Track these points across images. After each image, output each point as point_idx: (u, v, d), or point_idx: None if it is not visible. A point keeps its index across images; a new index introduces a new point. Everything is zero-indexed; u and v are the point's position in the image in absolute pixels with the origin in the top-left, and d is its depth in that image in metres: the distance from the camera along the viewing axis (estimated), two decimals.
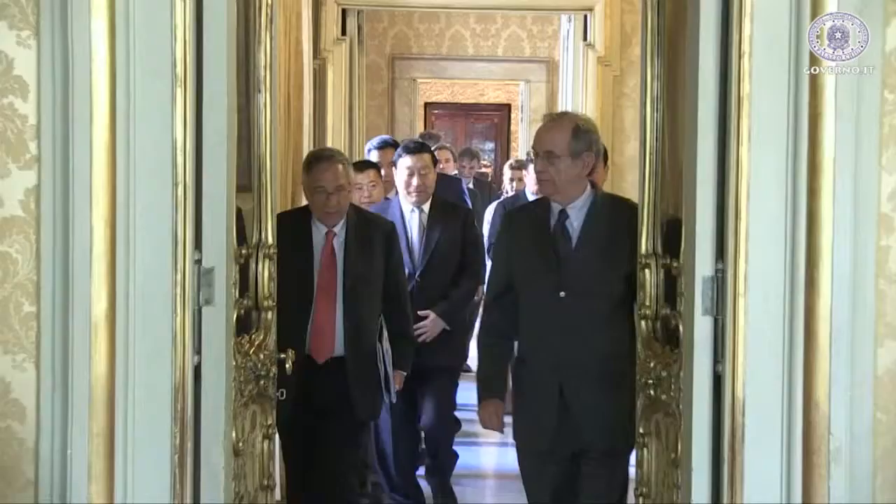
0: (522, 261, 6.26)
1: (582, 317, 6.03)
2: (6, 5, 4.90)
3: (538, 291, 6.15)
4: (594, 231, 6.09)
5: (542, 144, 6.04)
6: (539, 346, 6.21)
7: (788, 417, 5.08)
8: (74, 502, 4.96)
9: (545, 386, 6.14)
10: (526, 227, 6.40)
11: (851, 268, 5.05)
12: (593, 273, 6.06)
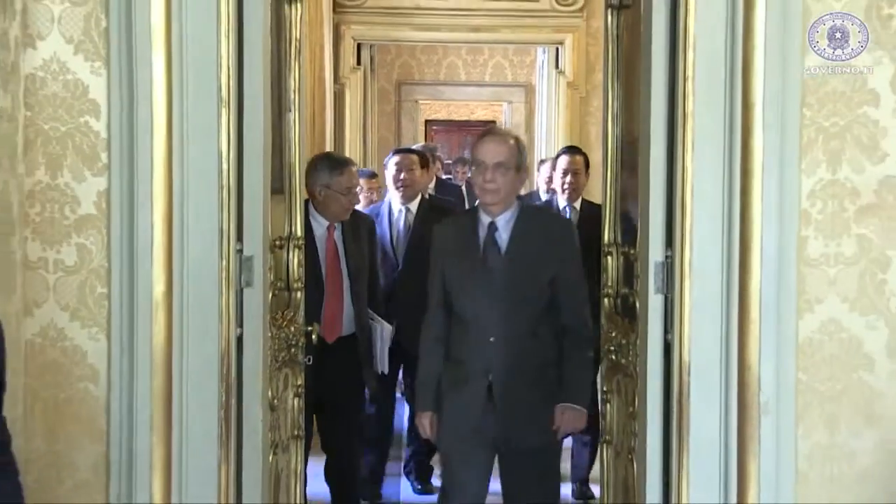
0: (455, 270, 5.77)
1: (513, 322, 5.63)
2: (82, 41, 4.93)
3: (471, 300, 5.68)
4: (520, 241, 5.67)
5: (492, 156, 5.59)
6: (470, 349, 5.70)
7: (726, 377, 5.12)
8: (138, 449, 4.95)
9: (475, 388, 5.69)
10: (456, 238, 5.86)
11: (777, 254, 5.07)
12: (520, 282, 5.67)
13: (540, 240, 5.72)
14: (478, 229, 5.69)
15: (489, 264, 5.64)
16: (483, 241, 5.65)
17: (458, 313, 5.75)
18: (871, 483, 5.23)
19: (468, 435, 5.70)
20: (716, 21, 5.08)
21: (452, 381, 5.76)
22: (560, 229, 5.97)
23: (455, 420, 5.74)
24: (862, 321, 5.19)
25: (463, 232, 5.78)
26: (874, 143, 5.13)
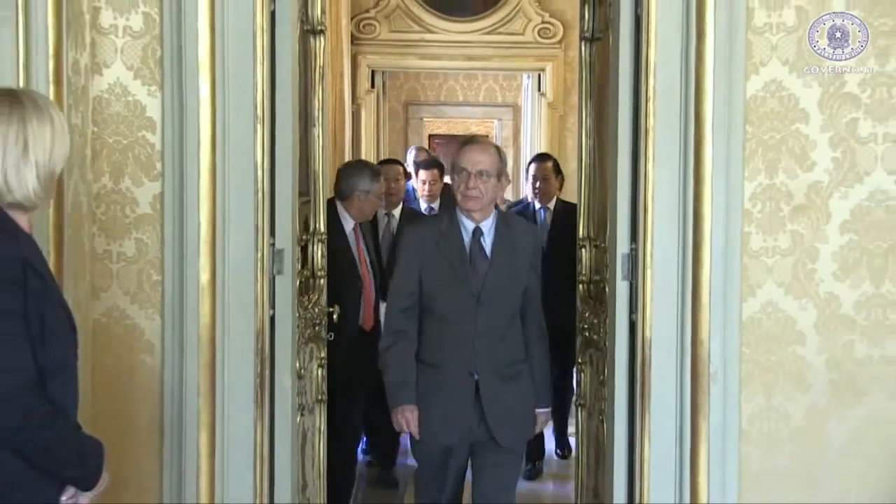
0: (438, 275, 5.20)
1: (493, 324, 5.20)
2: (140, 69, 4.98)
3: (455, 303, 5.17)
4: (501, 247, 5.25)
5: (475, 164, 5.15)
6: (455, 351, 5.19)
7: (681, 351, 5.15)
8: (187, 411, 5.01)
9: (461, 387, 5.19)
10: (437, 241, 5.25)
11: (724, 247, 5.11)
12: (502, 285, 5.22)
13: (516, 246, 5.34)
14: (461, 234, 5.24)
15: (476, 268, 5.20)
16: (469, 246, 5.21)
17: (438, 315, 5.24)
18: (801, 439, 5.27)
19: (452, 436, 5.24)
20: (672, 52, 5.10)
21: (433, 383, 5.22)
22: (532, 238, 5.55)
23: (438, 422, 5.20)
24: (795, 303, 5.23)
25: (444, 235, 5.25)
26: (805, 154, 5.18)
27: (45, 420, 3.23)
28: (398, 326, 5.26)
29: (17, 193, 3.28)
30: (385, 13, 12.30)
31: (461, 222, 5.23)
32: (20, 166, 3.28)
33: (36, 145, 3.30)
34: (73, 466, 3.40)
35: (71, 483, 3.40)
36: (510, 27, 12.30)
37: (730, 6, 5.06)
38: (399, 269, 5.35)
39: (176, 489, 5.06)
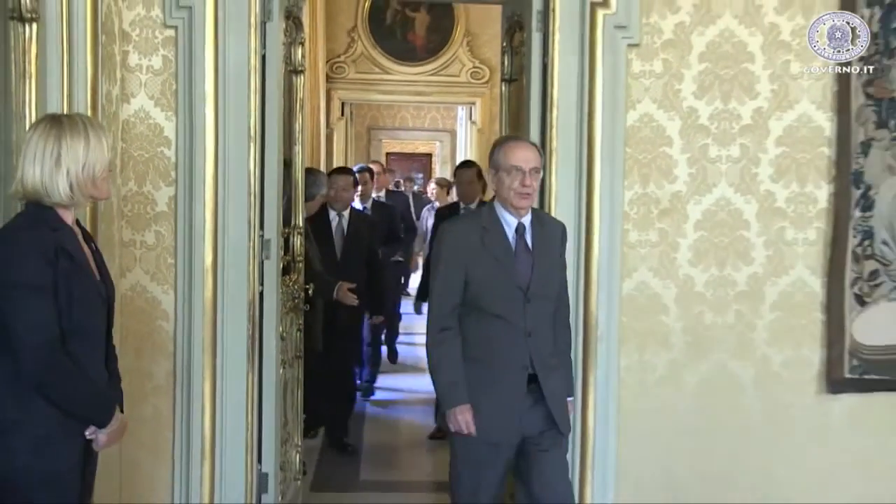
0: (486, 271, 4.21)
1: (541, 317, 4.24)
2: (160, 98, 4.95)
3: (504, 299, 4.18)
4: (540, 242, 4.30)
5: (527, 161, 4.21)
6: (508, 346, 4.20)
7: (576, 319, 5.05)
8: (194, 364, 5.00)
9: (515, 382, 4.21)
10: (481, 238, 4.26)
11: (608, 240, 5.16)
12: (546, 280, 4.28)
13: (550, 241, 4.39)
14: (504, 230, 4.27)
15: (522, 264, 4.23)
16: (514, 242, 4.25)
17: (487, 311, 4.21)
18: (664, 386, 5.34)
19: (506, 432, 4.22)
20: (570, 91, 5.13)
21: (485, 380, 4.21)
22: (560, 233, 4.51)
23: (491, 418, 4.18)
24: (661, 283, 5.30)
25: (487, 231, 4.26)
26: (669, 170, 5.24)
27: (64, 371, 3.26)
28: (446, 324, 4.25)
29: (53, 196, 3.27)
30: (353, 58, 12.38)
31: (503, 218, 4.28)
32: (53, 174, 3.25)
33: (68, 157, 3.28)
34: (87, 408, 3.40)
35: (88, 422, 3.39)
36: (449, 70, 12.40)
37: (613, 57, 5.11)
38: (443, 266, 4.30)
39: (185, 424, 5.05)
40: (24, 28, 3.92)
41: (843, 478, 5.37)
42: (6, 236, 3.29)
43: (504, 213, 4.25)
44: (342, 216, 7.37)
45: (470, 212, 4.56)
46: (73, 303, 3.25)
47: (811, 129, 5.27)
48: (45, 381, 3.21)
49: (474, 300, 4.20)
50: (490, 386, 4.16)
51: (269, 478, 5.30)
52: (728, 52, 5.21)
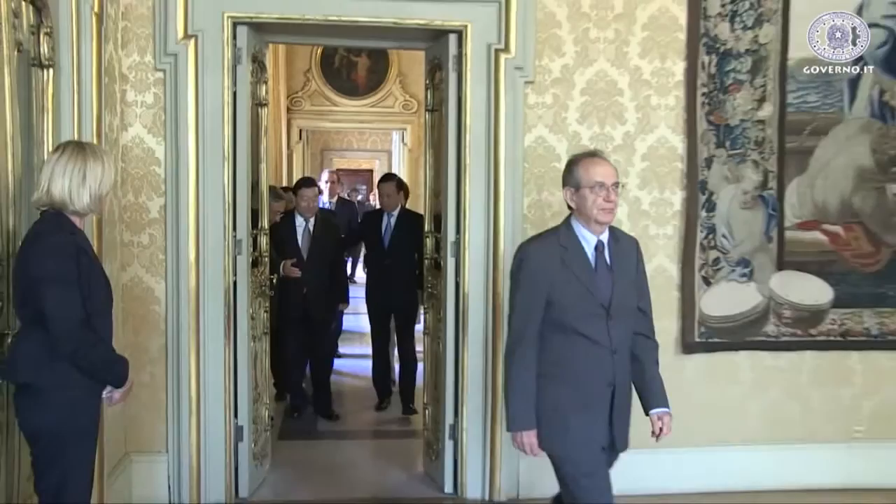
0: (569, 290, 3.52)
1: (623, 335, 3.57)
2: (152, 127, 4.95)
3: (588, 317, 3.51)
4: (618, 258, 3.62)
5: (609, 176, 3.56)
6: (594, 364, 3.53)
7: (486, 300, 5.20)
8: (181, 341, 5.01)
9: (601, 399, 3.57)
10: (562, 258, 3.55)
11: (512, 236, 5.14)
12: (626, 297, 3.61)
13: (628, 256, 3.70)
14: (583, 248, 3.58)
15: (603, 281, 3.55)
16: (594, 260, 3.57)
17: (571, 330, 3.53)
18: None
19: (598, 448, 3.59)
20: (480, 120, 5.16)
21: (571, 398, 3.54)
22: (635, 249, 3.81)
23: (587, 436, 3.55)
24: None
25: (567, 250, 3.56)
26: (558, 181, 4.56)
27: (91, 344, 3.28)
28: (525, 345, 3.57)
29: (76, 206, 3.31)
30: (308, 94, 12.31)
31: (582, 237, 3.59)
32: (79, 189, 3.30)
33: (91, 177, 3.32)
34: (109, 373, 3.42)
35: (108, 383, 3.43)
36: (385, 103, 12.37)
37: (513, 92, 5.15)
38: (524, 287, 3.59)
39: (176, 388, 5.08)
40: (42, 73, 3.93)
41: (697, 419, 5.38)
42: (37, 240, 3.29)
43: (583, 231, 3.58)
44: (308, 221, 7.05)
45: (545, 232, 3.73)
46: (92, 291, 3.29)
47: (667, 149, 5.35)
48: (76, 353, 3.23)
49: (558, 320, 3.52)
50: (578, 403, 3.52)
51: (243, 429, 5.31)
52: (603, 88, 5.26)
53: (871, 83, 5.40)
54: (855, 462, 5.56)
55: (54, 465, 3.28)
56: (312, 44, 10.69)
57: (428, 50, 5.72)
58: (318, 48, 11.90)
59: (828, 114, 5.41)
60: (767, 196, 5.41)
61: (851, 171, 5.47)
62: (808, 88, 5.34)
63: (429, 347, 5.92)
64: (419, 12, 5.12)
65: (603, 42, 5.26)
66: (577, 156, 3.74)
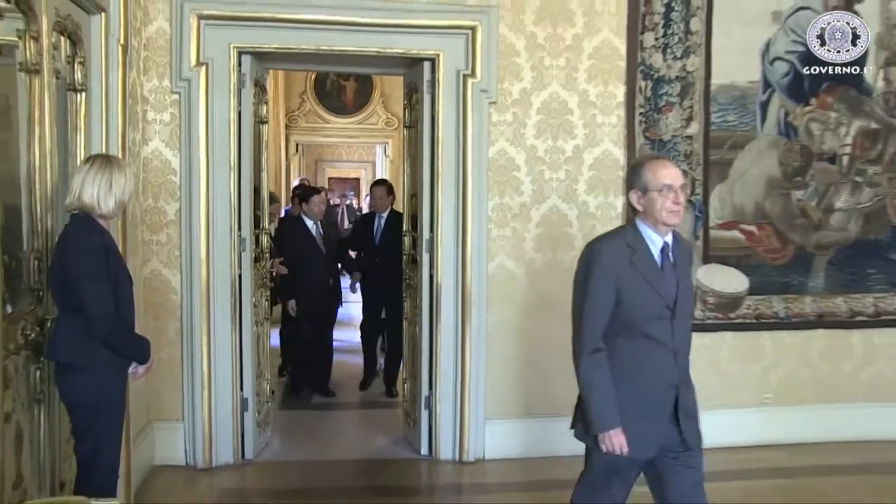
0: (637, 291, 3.12)
1: (684, 335, 3.20)
2: (169, 141, 4.98)
3: (655, 318, 3.12)
4: (678, 260, 3.22)
5: (677, 178, 3.16)
6: (658, 365, 3.15)
7: (455, 290, 5.24)
8: (195, 325, 5.03)
9: (664, 399, 3.17)
10: (630, 259, 3.13)
11: (478, 235, 5.21)
12: (687, 298, 3.25)
13: (686, 259, 3.33)
14: (650, 249, 3.17)
15: (669, 282, 3.17)
16: (661, 261, 3.17)
17: (638, 330, 3.12)
18: (517, 335, 5.35)
19: (653, 450, 3.18)
20: (450, 135, 5.19)
21: (634, 398, 3.13)
22: (688, 251, 3.44)
23: (639, 436, 3.13)
24: (514, 264, 5.33)
25: (634, 251, 3.15)
26: (518, 188, 5.30)
27: (120, 327, 3.33)
28: (597, 345, 3.14)
29: (103, 210, 3.32)
30: (303, 112, 12.23)
31: (648, 238, 3.18)
32: (106, 196, 3.31)
33: (116, 185, 3.33)
34: (134, 352, 3.45)
35: (134, 360, 3.47)
36: (370, 120, 12.32)
37: (479, 111, 5.19)
38: (594, 287, 3.13)
39: (190, 365, 5.11)
40: (76, 96, 3.94)
41: None
42: (73, 241, 3.30)
43: (649, 233, 3.17)
44: (317, 224, 6.90)
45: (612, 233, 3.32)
46: (119, 283, 3.33)
47: (611, 160, 5.38)
48: (109, 335, 3.27)
49: (625, 321, 3.12)
50: (639, 403, 3.13)
51: (248, 401, 5.33)
52: (555, 107, 5.30)
53: (777, 106, 5.50)
54: (764, 423, 5.64)
55: (90, 432, 3.31)
56: (307, 70, 10.64)
57: (406, 75, 5.72)
58: (312, 74, 11.83)
59: (744, 131, 5.50)
60: (695, 200, 5.47)
61: (763, 180, 5.55)
62: (727, 110, 5.43)
63: (407, 331, 5.90)
64: (399, 43, 5.17)
65: (555, 69, 5.30)
66: (642, 159, 3.34)
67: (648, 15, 5.30)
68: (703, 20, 5.35)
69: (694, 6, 5.34)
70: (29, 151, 3.40)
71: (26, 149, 3.38)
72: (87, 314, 3.22)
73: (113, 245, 3.43)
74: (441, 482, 5.21)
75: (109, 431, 3.38)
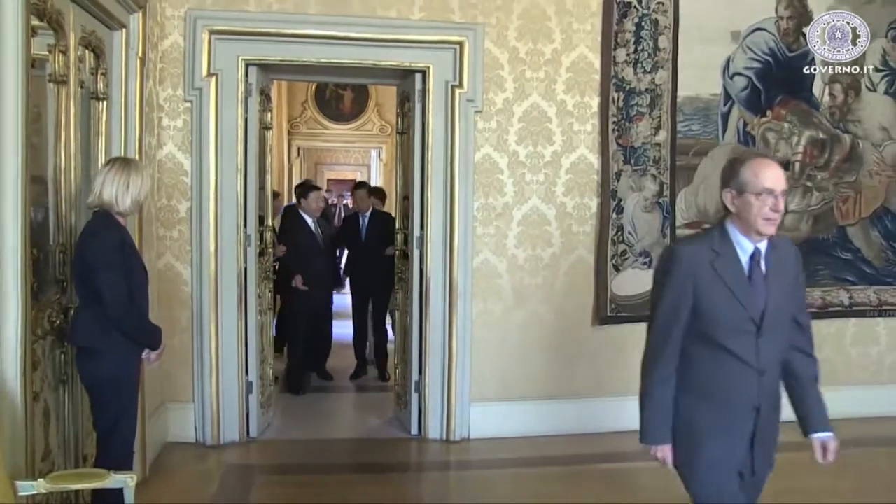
0: (717, 299, 2.62)
1: (773, 353, 2.66)
2: (182, 145, 5.01)
3: (736, 330, 2.62)
4: (773, 268, 2.67)
5: (780, 182, 2.59)
6: (739, 383, 2.64)
7: (443, 283, 5.25)
8: (204, 314, 5.04)
9: (743, 422, 2.66)
10: (713, 263, 2.63)
11: (464, 232, 5.21)
12: (780, 312, 2.67)
13: (785, 268, 2.70)
14: (738, 254, 2.63)
15: (757, 293, 2.62)
16: (749, 269, 2.63)
17: (717, 343, 2.63)
18: (499, 324, 5.37)
19: (732, 475, 2.68)
20: (440, 141, 5.20)
21: (711, 418, 2.65)
22: (794, 255, 2.79)
23: (721, 460, 2.66)
24: (497, 259, 5.36)
25: (719, 255, 2.63)
26: (501, 189, 5.33)
27: (134, 315, 3.35)
28: (666, 353, 2.67)
29: (120, 207, 3.34)
30: (304, 120, 12.14)
31: (738, 242, 2.64)
32: (124, 195, 3.33)
33: (133, 186, 3.35)
34: (146, 338, 3.45)
35: (147, 346, 3.47)
36: (365, 127, 12.25)
37: (466, 119, 5.20)
38: (670, 290, 2.65)
39: (200, 351, 5.13)
40: (99, 104, 3.97)
41: (606, 375, 5.44)
42: (92, 236, 3.32)
43: (739, 237, 2.64)
44: (316, 220, 6.77)
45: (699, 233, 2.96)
46: (133, 274, 3.36)
47: (586, 164, 5.41)
48: (122, 322, 3.29)
49: (703, 331, 2.65)
50: (717, 425, 2.66)
51: (253, 384, 5.34)
52: (536, 116, 5.33)
53: (737, 117, 5.58)
54: None
55: (107, 410, 3.35)
56: (308, 80, 10.56)
57: (399, 85, 5.73)
58: (313, 84, 11.75)
59: (707, 139, 5.56)
60: (663, 202, 5.52)
61: None
62: (692, 120, 5.49)
63: (399, 320, 5.92)
64: (392, 56, 5.21)
65: (536, 81, 5.33)
66: (745, 155, 2.77)
67: (621, 33, 5.37)
68: (670, 38, 5.42)
69: (662, 25, 5.41)
70: (55, 154, 3.45)
71: (53, 152, 3.43)
72: (103, 302, 3.24)
73: (129, 240, 3.47)
74: (429, 459, 5.24)
75: (125, 410, 3.40)
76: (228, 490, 4.52)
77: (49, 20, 3.22)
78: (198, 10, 4.99)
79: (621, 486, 4.61)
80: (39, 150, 3.30)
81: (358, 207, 7.25)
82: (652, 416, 2.72)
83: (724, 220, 2.68)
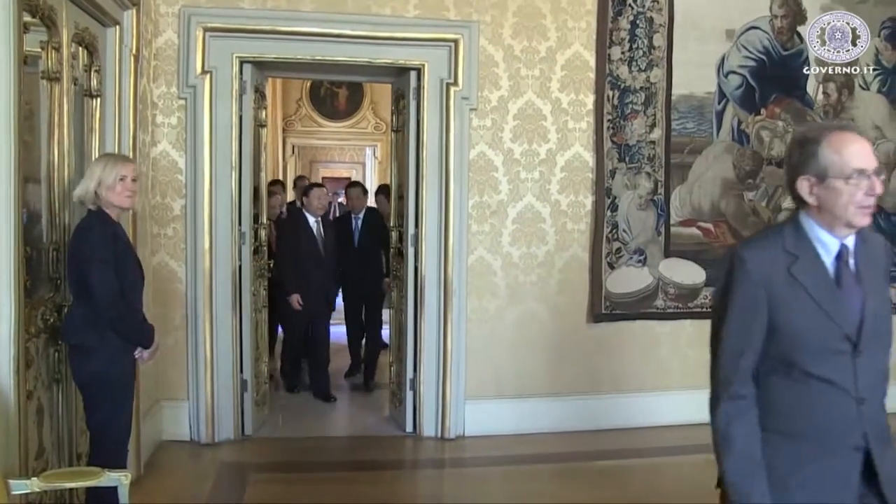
0: (798, 313, 2.00)
1: (875, 376, 2.05)
2: (176, 142, 5.00)
3: (825, 351, 2.00)
4: (865, 268, 2.08)
5: (871, 159, 1.99)
6: (833, 419, 2.00)
7: (439, 280, 5.23)
8: (198, 313, 5.03)
9: (842, 466, 2.01)
10: (789, 268, 2.01)
11: (458, 230, 5.21)
12: (881, 323, 2.06)
13: (877, 262, 2.15)
14: (820, 255, 2.07)
15: (850, 301, 2.05)
16: (835, 272, 2.06)
17: (801, 368, 2.04)
18: (493, 321, 5.37)
19: None
20: (434, 138, 5.20)
21: (798, 461, 2.05)
22: (885, 246, 2.21)
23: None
24: (492, 257, 5.36)
25: (799, 261, 2.05)
26: (496, 187, 5.32)
27: (125, 312, 3.32)
28: (739, 387, 2.11)
29: (86, 200, 3.30)
30: (299, 117, 12.19)
31: (818, 240, 2.08)
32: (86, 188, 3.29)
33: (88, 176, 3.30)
34: (138, 336, 3.43)
35: (138, 345, 3.44)
36: (360, 125, 12.30)
37: (461, 117, 5.21)
38: (737, 308, 2.10)
39: (194, 349, 5.12)
40: (92, 101, 3.96)
41: (601, 373, 5.49)
42: (86, 230, 3.30)
43: (820, 233, 2.09)
44: (318, 218, 6.46)
45: (766, 232, 2.27)
46: (126, 270, 3.33)
47: (581, 162, 5.42)
48: (114, 319, 3.28)
49: (784, 354, 2.08)
50: (808, 470, 2.06)
51: (247, 382, 5.35)
52: (531, 114, 5.34)
53: (731, 115, 5.59)
54: None
55: (99, 408, 3.34)
56: (303, 78, 10.57)
57: (394, 83, 5.74)
58: (308, 81, 11.75)
59: (701, 137, 5.58)
60: (657, 200, 5.53)
61: (719, 182, 5.62)
62: (686, 118, 5.50)
63: (394, 318, 5.90)
64: (387, 54, 5.21)
65: (530, 79, 5.34)
66: (818, 130, 2.10)
67: (616, 31, 5.38)
68: (665, 36, 5.43)
69: (657, 24, 5.42)
70: (48, 152, 3.43)
71: (46, 150, 3.41)
72: (93, 297, 3.22)
73: (124, 236, 3.46)
74: (425, 457, 5.25)
75: (117, 408, 3.38)
76: (223, 488, 4.51)
77: (42, 16, 3.21)
78: (192, 6, 4.98)
79: (615, 484, 4.62)
80: (32, 147, 3.28)
81: (352, 207, 7.10)
82: (738, 468, 2.09)
83: (798, 215, 2.13)
